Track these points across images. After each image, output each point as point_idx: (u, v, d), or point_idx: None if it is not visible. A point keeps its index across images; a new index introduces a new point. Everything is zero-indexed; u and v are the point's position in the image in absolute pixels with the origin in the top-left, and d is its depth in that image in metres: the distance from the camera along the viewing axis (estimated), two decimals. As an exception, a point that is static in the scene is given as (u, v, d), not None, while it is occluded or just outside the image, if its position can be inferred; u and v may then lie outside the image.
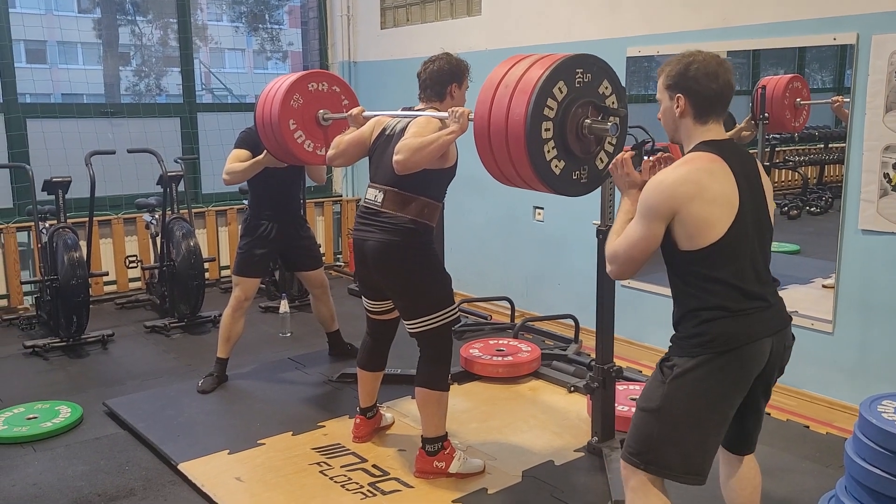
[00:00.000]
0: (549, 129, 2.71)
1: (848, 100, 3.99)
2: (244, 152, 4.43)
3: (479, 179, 3.69)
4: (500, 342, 4.90)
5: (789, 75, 4.80)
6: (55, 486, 3.44)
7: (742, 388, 2.33)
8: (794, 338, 2.45)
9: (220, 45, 10.26)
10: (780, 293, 2.48)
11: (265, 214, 4.51)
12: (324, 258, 4.98)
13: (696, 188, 2.20)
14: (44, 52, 11.95)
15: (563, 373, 4.61)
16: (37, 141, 6.20)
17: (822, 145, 4.96)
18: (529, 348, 4.79)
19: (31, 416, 4.09)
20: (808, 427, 3.96)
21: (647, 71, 5.42)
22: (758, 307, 2.29)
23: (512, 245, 5.94)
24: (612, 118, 2.82)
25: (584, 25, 5.22)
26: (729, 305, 2.25)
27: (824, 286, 4.37)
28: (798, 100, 4.75)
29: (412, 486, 3.37)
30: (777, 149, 4.97)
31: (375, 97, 7.24)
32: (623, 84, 2.97)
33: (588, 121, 2.77)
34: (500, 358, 4.64)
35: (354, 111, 3.76)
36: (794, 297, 4.56)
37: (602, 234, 4.10)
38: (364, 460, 3.61)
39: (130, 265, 6.38)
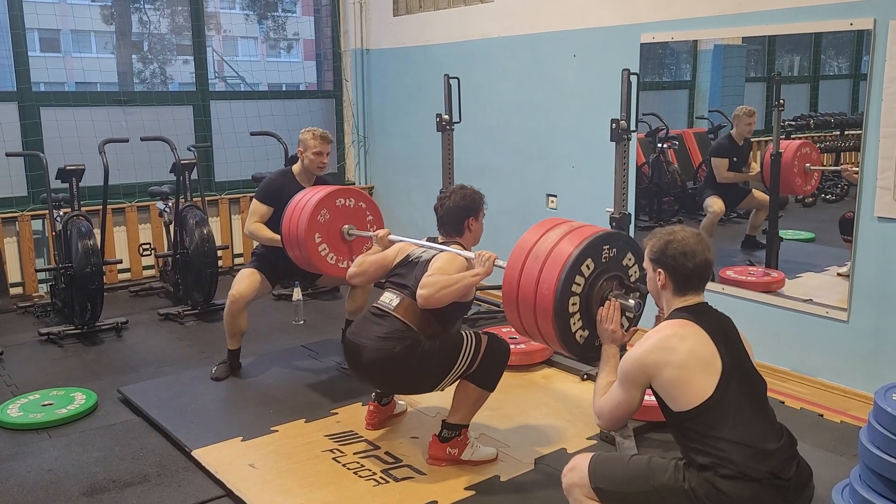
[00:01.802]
0: (575, 304, 2.81)
1: (857, 169, 3.99)
2: (265, 207, 4.50)
3: (492, 167, 3.68)
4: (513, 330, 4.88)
5: (798, 141, 4.84)
6: (70, 472, 3.47)
7: None
8: (813, 493, 2.44)
9: (233, 34, 10.26)
10: (795, 281, 2.48)
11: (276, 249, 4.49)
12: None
13: (665, 355, 2.35)
14: (57, 40, 11.98)
15: (576, 360, 4.60)
16: (51, 129, 6.23)
17: (838, 132, 4.90)
18: (542, 336, 4.78)
19: (47, 402, 4.12)
20: (822, 416, 3.94)
21: (662, 58, 5.38)
22: (775, 480, 2.28)
23: (524, 232, 5.92)
24: (634, 294, 2.90)
25: (598, 12, 5.19)
26: (741, 462, 2.27)
27: (839, 274, 4.34)
28: (808, 165, 4.78)
29: (424, 474, 3.37)
30: (792, 136, 4.94)
31: (388, 85, 7.24)
32: (637, 71, 2.97)
33: (613, 294, 2.86)
34: (512, 346, 4.63)
35: (381, 233, 3.82)
36: (809, 285, 4.55)
37: (615, 222, 4.10)
38: (377, 447, 3.62)
39: (144, 253, 6.40)
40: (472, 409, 3.43)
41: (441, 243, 3.49)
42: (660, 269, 2.50)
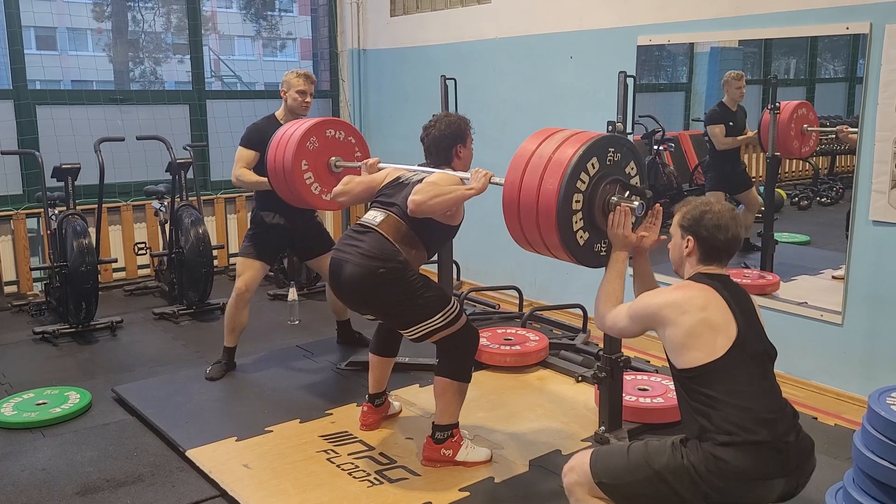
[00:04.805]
0: (579, 202, 2.83)
1: (854, 129, 3.99)
2: (251, 153, 4.46)
3: (488, 166, 3.68)
4: (508, 331, 4.89)
5: (795, 102, 4.81)
6: (64, 471, 3.46)
7: None
8: (814, 466, 2.43)
9: (229, 33, 10.24)
10: (790, 284, 2.49)
11: (270, 206, 4.49)
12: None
13: (677, 315, 2.38)
14: (53, 38, 11.96)
15: (571, 362, 4.61)
16: (46, 128, 6.21)
17: (834, 136, 4.92)
18: (537, 337, 4.79)
19: (41, 401, 4.11)
20: (816, 418, 3.94)
21: (658, 60, 5.39)
22: (775, 444, 2.28)
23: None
24: (636, 198, 2.90)
25: (595, 14, 5.19)
26: (742, 426, 2.27)
27: (834, 277, 4.35)
28: (805, 126, 4.77)
29: (419, 475, 3.37)
30: (786, 157, 4.97)
31: (384, 86, 7.24)
32: (633, 73, 2.99)
33: (615, 198, 2.88)
34: (507, 347, 4.64)
35: (370, 160, 3.80)
36: (804, 288, 4.56)
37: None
38: (371, 448, 3.61)
39: (139, 252, 6.40)
40: (456, 405, 3.42)
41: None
42: (689, 237, 2.51)
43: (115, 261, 6.19)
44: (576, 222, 2.84)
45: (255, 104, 6.96)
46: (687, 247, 2.52)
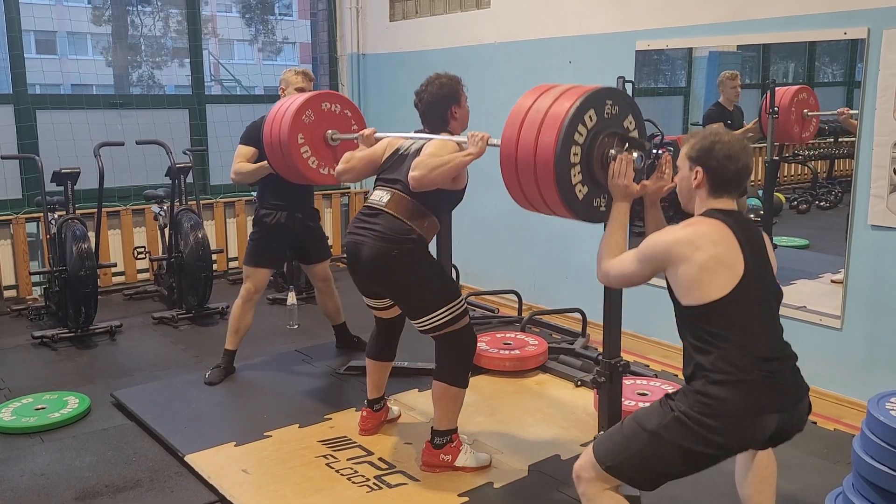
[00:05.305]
0: (577, 154, 2.78)
1: (854, 111, 3.97)
2: (250, 149, 4.47)
3: (488, 172, 3.69)
4: (508, 336, 4.90)
5: (796, 86, 4.79)
6: (63, 476, 3.46)
7: (732, 452, 2.39)
8: (810, 408, 2.43)
9: (229, 37, 10.25)
10: (789, 288, 2.47)
11: (272, 203, 4.51)
12: (331, 249, 4.94)
13: (690, 252, 2.31)
14: (53, 42, 11.97)
15: (570, 367, 4.61)
16: (46, 132, 6.21)
17: (832, 139, 4.92)
18: (536, 342, 4.79)
19: (40, 406, 4.11)
20: (815, 423, 3.94)
21: (657, 64, 5.40)
22: (769, 380, 2.28)
23: (520, 238, 5.93)
24: (636, 150, 2.85)
25: (593, 18, 5.20)
26: (739, 365, 2.26)
27: (833, 281, 4.35)
28: (806, 111, 4.75)
29: (418, 480, 3.37)
30: (787, 142, 4.94)
31: (384, 90, 7.25)
32: (631, 78, 2.98)
33: (613, 151, 2.83)
34: (507, 351, 4.64)
35: (367, 131, 3.77)
36: (803, 293, 4.55)
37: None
38: (370, 453, 3.61)
39: (139, 256, 6.39)
40: (454, 410, 3.42)
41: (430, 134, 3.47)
42: (698, 168, 2.43)
43: (115, 265, 6.20)
44: (574, 176, 2.78)
45: (254, 108, 6.94)
46: (696, 178, 2.45)
